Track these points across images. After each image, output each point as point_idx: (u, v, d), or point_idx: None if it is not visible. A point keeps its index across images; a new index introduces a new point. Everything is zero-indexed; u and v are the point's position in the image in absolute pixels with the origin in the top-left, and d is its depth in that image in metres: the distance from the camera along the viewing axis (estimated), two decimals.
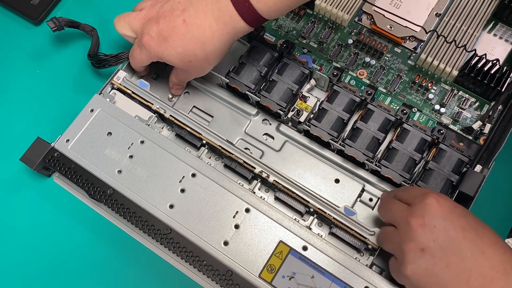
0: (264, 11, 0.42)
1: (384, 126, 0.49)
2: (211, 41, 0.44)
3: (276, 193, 0.48)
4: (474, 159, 0.48)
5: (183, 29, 0.44)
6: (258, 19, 0.43)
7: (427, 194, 0.40)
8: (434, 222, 0.38)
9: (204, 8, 0.43)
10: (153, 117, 0.51)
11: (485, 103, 0.53)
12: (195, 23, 0.43)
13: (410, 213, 0.39)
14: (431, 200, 0.39)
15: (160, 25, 0.45)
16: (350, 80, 0.55)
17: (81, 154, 0.49)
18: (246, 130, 0.53)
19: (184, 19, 0.44)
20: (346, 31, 0.57)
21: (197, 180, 0.47)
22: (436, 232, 0.37)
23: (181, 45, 0.44)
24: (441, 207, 0.38)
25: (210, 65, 0.47)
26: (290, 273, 0.44)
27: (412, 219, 0.38)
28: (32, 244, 0.51)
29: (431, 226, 0.38)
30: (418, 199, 0.40)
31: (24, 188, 0.53)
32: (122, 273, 0.50)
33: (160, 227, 0.46)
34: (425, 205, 0.39)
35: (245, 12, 0.42)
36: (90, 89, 0.54)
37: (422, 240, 0.38)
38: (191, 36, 0.44)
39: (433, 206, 0.38)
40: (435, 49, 0.54)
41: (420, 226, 0.38)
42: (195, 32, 0.43)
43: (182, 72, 0.49)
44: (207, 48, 0.44)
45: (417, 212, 0.39)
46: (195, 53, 0.44)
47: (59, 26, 0.54)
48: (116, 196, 0.47)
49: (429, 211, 0.38)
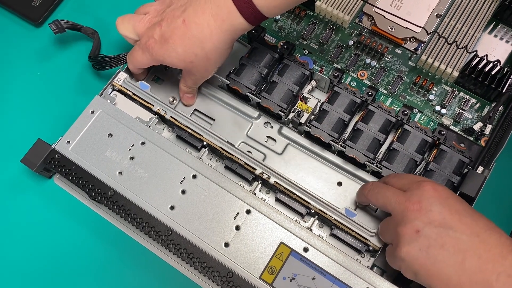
0: (264, 7, 0.42)
1: (385, 127, 0.49)
2: (210, 39, 0.44)
3: (277, 194, 0.48)
4: (475, 160, 0.48)
5: (182, 29, 0.44)
6: (257, 16, 0.42)
7: (423, 180, 0.41)
8: (431, 206, 0.38)
9: (203, 6, 0.43)
10: (153, 118, 0.51)
11: (486, 104, 0.53)
12: (194, 22, 0.43)
13: (407, 198, 0.40)
14: (428, 186, 0.39)
15: (163, 28, 0.45)
16: (351, 81, 0.55)
17: (82, 156, 0.49)
18: (248, 133, 0.53)
19: (183, 19, 0.44)
20: (346, 32, 0.57)
21: (197, 182, 0.47)
22: (432, 215, 0.38)
23: (181, 44, 0.44)
24: (438, 193, 0.39)
25: (213, 64, 0.47)
26: (291, 274, 0.44)
27: (409, 203, 0.39)
28: (33, 245, 0.51)
29: (427, 209, 0.38)
30: (414, 185, 0.40)
31: (25, 190, 0.53)
32: (123, 274, 0.50)
33: (161, 228, 0.46)
34: (422, 190, 0.39)
35: (244, 7, 0.42)
36: (91, 91, 0.54)
37: (418, 223, 0.38)
38: (189, 35, 0.44)
39: (430, 191, 0.39)
40: (436, 50, 0.54)
41: (417, 210, 0.39)
42: (193, 30, 0.43)
43: (188, 76, 0.49)
44: (206, 46, 0.44)
45: (414, 197, 0.39)
46: (195, 52, 0.44)
47: (61, 29, 0.54)
48: (116, 197, 0.47)
49: (426, 196, 0.39)
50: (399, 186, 0.42)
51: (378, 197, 0.43)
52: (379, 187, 0.44)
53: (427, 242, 0.37)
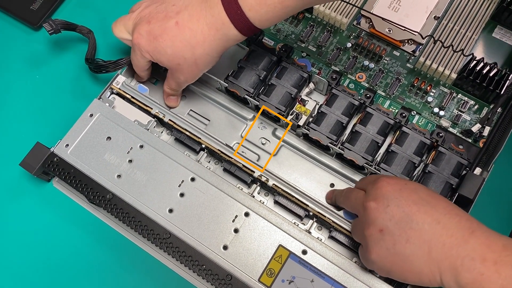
0: (256, 19, 0.42)
1: (383, 129, 0.49)
2: (202, 45, 0.44)
3: (276, 197, 0.48)
4: (473, 162, 0.48)
5: (175, 31, 0.44)
6: (249, 28, 0.43)
7: (378, 178, 0.41)
8: (387, 201, 0.39)
9: (198, 13, 0.43)
10: (152, 121, 0.51)
11: (484, 106, 0.53)
12: (188, 27, 0.43)
13: (365, 198, 0.41)
14: (382, 183, 0.40)
15: (151, 25, 0.45)
16: (349, 84, 0.55)
17: (81, 159, 0.49)
18: (242, 134, 0.53)
19: (177, 21, 0.44)
20: (344, 35, 0.57)
21: (196, 184, 0.47)
22: (390, 211, 0.38)
23: (171, 45, 0.44)
24: (391, 186, 0.39)
25: (199, 70, 0.47)
26: (289, 277, 0.44)
27: (367, 203, 0.40)
28: (31, 249, 0.51)
29: (384, 206, 0.39)
30: (370, 185, 0.41)
31: (24, 193, 0.53)
32: (121, 277, 0.50)
33: (160, 231, 0.46)
34: (376, 188, 0.40)
35: (237, 20, 0.42)
36: (90, 94, 0.54)
37: (379, 222, 0.39)
38: (181, 39, 0.44)
39: (384, 187, 0.40)
40: (434, 52, 0.54)
41: (375, 208, 0.39)
42: (186, 35, 0.44)
43: (172, 78, 0.49)
44: (196, 52, 0.44)
45: (371, 196, 0.40)
46: (184, 55, 0.45)
47: (55, 29, 0.54)
48: (115, 200, 0.47)
49: (381, 192, 0.39)
50: (361, 187, 0.43)
51: (345, 199, 0.45)
52: (346, 191, 0.45)
53: (393, 239, 0.38)
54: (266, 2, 0.41)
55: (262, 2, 0.41)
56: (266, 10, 0.42)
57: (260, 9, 0.42)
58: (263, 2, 0.41)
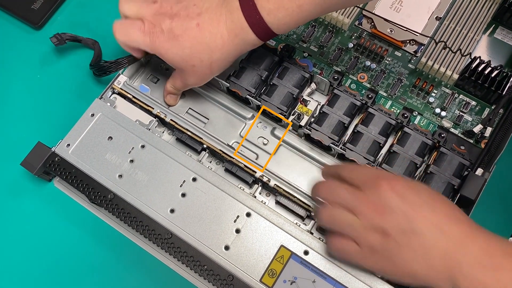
0: (274, 24, 0.42)
1: (385, 129, 0.49)
2: (220, 49, 0.44)
3: (277, 197, 0.48)
4: (475, 162, 0.48)
5: (195, 32, 0.44)
6: (267, 32, 0.43)
7: (377, 178, 0.39)
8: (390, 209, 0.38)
9: (219, 17, 0.43)
10: (153, 121, 0.51)
11: (486, 107, 0.53)
12: (208, 30, 0.43)
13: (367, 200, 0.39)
14: (383, 187, 0.39)
15: (174, 23, 0.44)
16: (351, 84, 0.55)
17: (82, 159, 0.49)
18: (241, 133, 0.52)
19: (198, 23, 0.44)
20: (346, 35, 0.57)
21: (197, 185, 0.47)
22: (396, 217, 0.38)
23: (190, 46, 0.44)
24: (395, 192, 0.38)
25: (212, 74, 0.47)
26: (291, 277, 0.44)
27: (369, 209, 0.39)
28: (32, 248, 0.51)
29: (391, 211, 0.38)
30: (368, 188, 0.39)
31: (25, 193, 0.53)
32: (122, 278, 0.49)
33: (161, 231, 0.46)
34: (380, 191, 0.39)
35: (255, 24, 0.42)
36: (91, 94, 0.54)
37: (387, 227, 0.38)
38: (201, 41, 0.44)
39: (388, 191, 0.38)
40: (436, 53, 0.54)
41: (380, 214, 0.38)
42: (206, 37, 0.43)
43: (179, 79, 0.49)
44: (214, 56, 0.44)
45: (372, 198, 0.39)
46: (202, 58, 0.44)
47: (61, 41, 0.55)
48: (116, 200, 0.47)
49: (385, 196, 0.38)
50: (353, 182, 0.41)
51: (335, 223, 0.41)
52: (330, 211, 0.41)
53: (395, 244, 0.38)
54: (284, 6, 0.41)
55: (280, 6, 0.41)
56: (284, 14, 0.42)
57: (278, 13, 0.42)
58: (281, 6, 0.41)
